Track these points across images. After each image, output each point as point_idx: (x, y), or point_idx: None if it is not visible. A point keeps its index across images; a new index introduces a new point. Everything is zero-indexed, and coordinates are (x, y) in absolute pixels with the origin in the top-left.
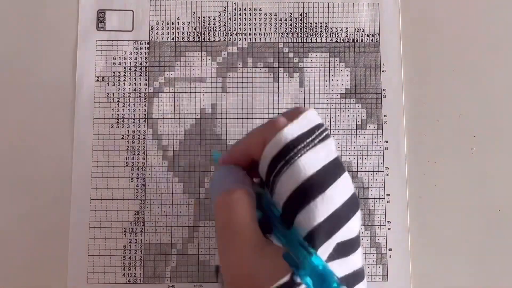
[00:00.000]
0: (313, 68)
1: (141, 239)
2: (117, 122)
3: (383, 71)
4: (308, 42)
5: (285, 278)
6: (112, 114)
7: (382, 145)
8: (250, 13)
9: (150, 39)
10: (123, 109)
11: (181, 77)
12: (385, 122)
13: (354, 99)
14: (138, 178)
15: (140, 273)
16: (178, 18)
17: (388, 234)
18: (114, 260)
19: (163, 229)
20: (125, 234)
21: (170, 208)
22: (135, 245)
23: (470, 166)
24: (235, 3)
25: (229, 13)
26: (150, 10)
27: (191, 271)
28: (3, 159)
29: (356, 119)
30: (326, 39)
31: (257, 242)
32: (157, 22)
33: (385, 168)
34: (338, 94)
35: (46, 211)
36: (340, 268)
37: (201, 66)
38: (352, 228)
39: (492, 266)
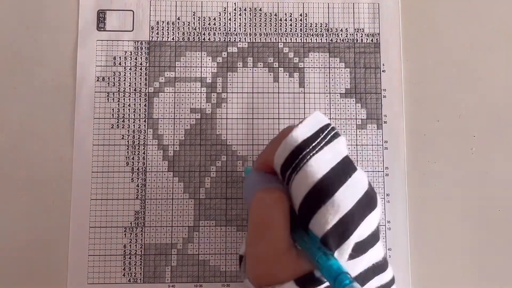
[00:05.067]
0: (313, 68)
1: (141, 239)
2: (117, 122)
3: (383, 71)
4: (308, 42)
5: (304, 273)
6: (112, 114)
7: (382, 145)
8: (250, 13)
9: (150, 39)
10: (123, 109)
11: (181, 77)
12: (385, 122)
13: (354, 99)
14: (138, 178)
15: (140, 273)
16: (178, 18)
17: (388, 234)
18: (114, 260)
19: (163, 229)
20: (125, 234)
21: (170, 208)
22: (135, 245)
23: (470, 166)
24: (235, 3)
25: (229, 13)
26: (150, 10)
27: (191, 271)
28: (3, 159)
29: (356, 119)
30: (326, 39)
31: (286, 244)
32: (157, 22)
33: (385, 168)
34: (338, 94)
35: (46, 211)
36: (358, 266)
37: (201, 66)
38: (369, 226)
39: (492, 266)
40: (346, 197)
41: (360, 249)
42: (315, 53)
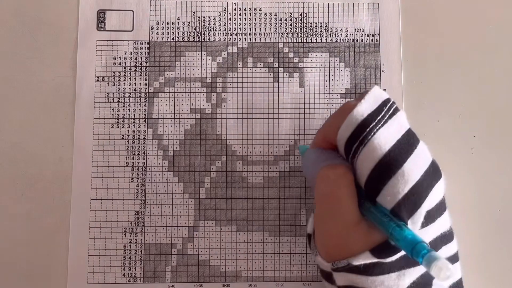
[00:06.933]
0: (313, 68)
1: (141, 239)
2: (117, 122)
3: (383, 71)
4: (308, 42)
5: (378, 242)
6: (112, 114)
7: None
8: (250, 13)
9: (150, 39)
10: (123, 109)
11: (181, 77)
12: None
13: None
14: (138, 178)
15: (140, 273)
16: (178, 18)
17: None
18: (114, 260)
19: (163, 229)
20: (125, 234)
21: (170, 208)
22: (135, 245)
23: (470, 166)
24: (235, 3)
25: (229, 13)
26: (150, 10)
27: (191, 271)
28: (4, 159)
29: None
30: (326, 39)
31: (356, 217)
32: (157, 22)
33: None
34: (338, 94)
35: (46, 211)
36: (427, 235)
37: (201, 66)
38: (436, 195)
39: (492, 266)
40: (414, 168)
41: (429, 218)
42: (315, 53)
